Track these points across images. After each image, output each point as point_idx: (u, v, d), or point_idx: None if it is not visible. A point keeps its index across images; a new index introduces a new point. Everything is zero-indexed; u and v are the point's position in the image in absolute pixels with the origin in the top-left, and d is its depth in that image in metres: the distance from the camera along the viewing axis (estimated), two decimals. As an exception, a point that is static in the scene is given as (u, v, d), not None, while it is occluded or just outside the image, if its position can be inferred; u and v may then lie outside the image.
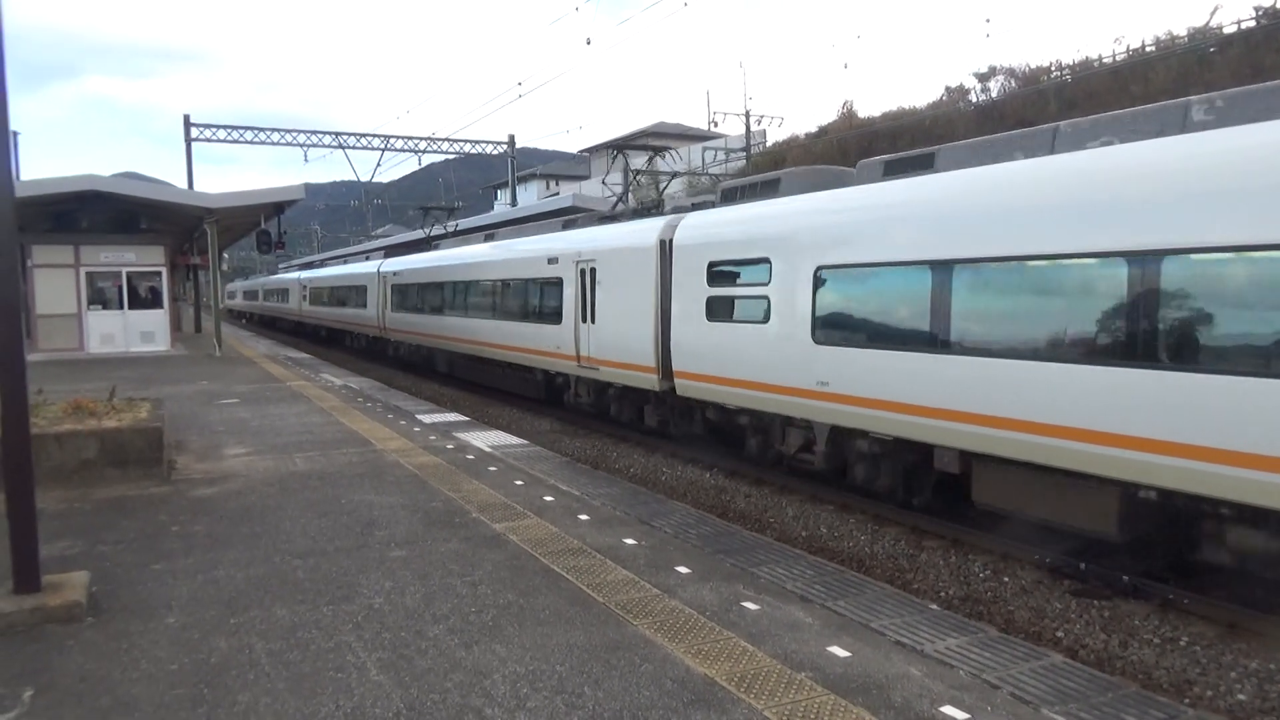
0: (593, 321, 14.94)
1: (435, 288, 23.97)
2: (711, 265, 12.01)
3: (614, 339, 14.41)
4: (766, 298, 10.88)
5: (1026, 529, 8.46)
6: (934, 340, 8.63)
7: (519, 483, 9.00)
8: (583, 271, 15.27)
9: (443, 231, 30.09)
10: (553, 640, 4.94)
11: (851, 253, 9.67)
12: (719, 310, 11.87)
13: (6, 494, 5.32)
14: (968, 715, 4.11)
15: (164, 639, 4.98)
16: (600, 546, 6.74)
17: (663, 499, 8.94)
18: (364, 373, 24.05)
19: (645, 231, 13.79)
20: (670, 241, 13.01)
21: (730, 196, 12.80)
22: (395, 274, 27.85)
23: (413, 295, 25.99)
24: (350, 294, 33.68)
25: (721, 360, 11.76)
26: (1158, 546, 7.59)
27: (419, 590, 5.76)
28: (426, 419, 13.53)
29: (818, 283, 10.12)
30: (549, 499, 8.30)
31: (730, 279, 11.77)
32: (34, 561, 5.38)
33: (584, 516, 7.67)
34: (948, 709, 4.16)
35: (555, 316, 16.34)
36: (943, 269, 8.53)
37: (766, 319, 10.91)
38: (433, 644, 4.90)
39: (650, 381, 13.45)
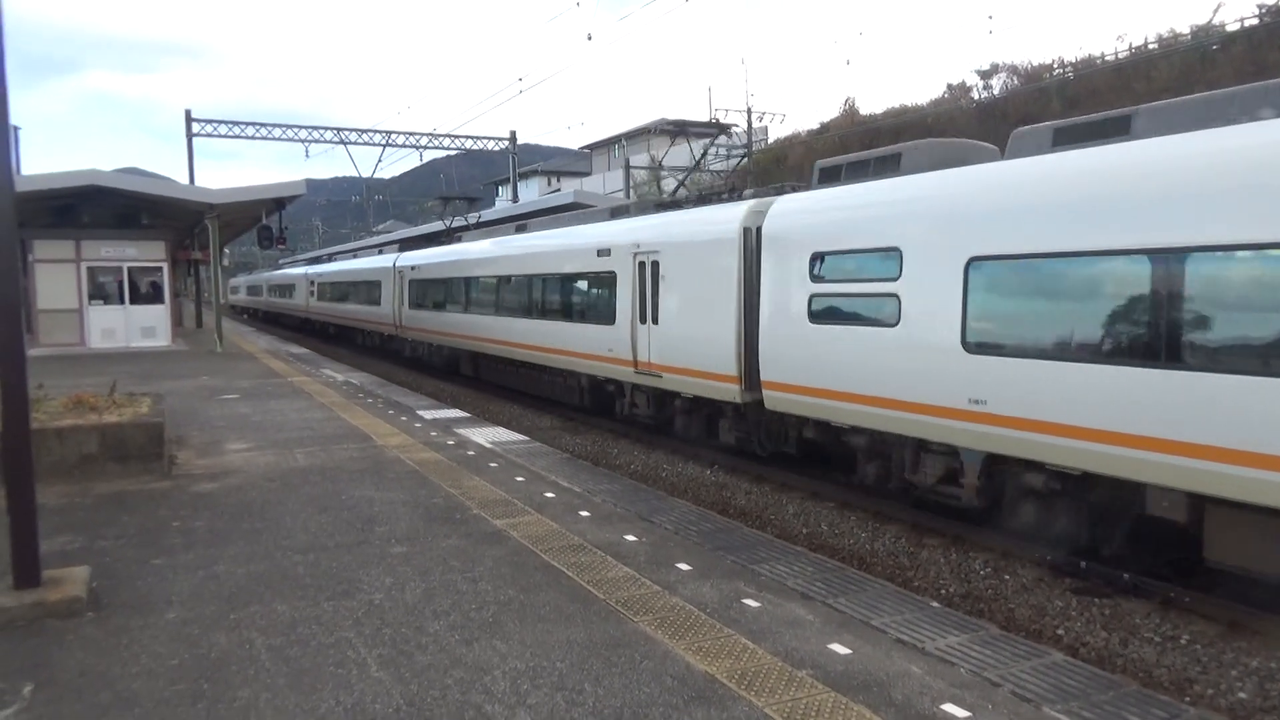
0: (655, 322, 13.22)
1: (460, 283, 22.14)
2: (816, 257, 10.18)
3: (683, 342, 12.62)
4: (895, 296, 9.08)
5: (1030, 530, 8.42)
6: (1160, 350, 6.79)
7: (520, 479, 8.99)
8: (642, 265, 13.54)
9: (464, 223, 28.07)
10: (553, 637, 4.94)
11: (1024, 240, 7.89)
12: (826, 310, 10.07)
13: (7, 489, 5.32)
14: (968, 713, 4.10)
15: (164, 634, 4.97)
16: (601, 543, 6.73)
17: (663, 495, 8.94)
18: (364, 368, 24.05)
19: (725, 219, 11.90)
20: (758, 230, 11.22)
21: (831, 176, 10.83)
22: (414, 268, 26.13)
23: (434, 291, 24.21)
24: (363, 290, 31.93)
25: (829, 370, 9.93)
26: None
27: (419, 586, 5.75)
28: (427, 415, 13.52)
29: (971, 278, 8.34)
30: (550, 495, 8.30)
31: (842, 273, 9.92)
32: (34, 556, 5.38)
33: (584, 513, 7.66)
34: (948, 707, 4.15)
35: (606, 316, 14.62)
36: (1173, 260, 6.71)
37: (896, 322, 9.08)
38: (433, 640, 4.89)
39: (729, 392, 11.69)
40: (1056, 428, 7.54)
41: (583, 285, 15.86)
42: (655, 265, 13.25)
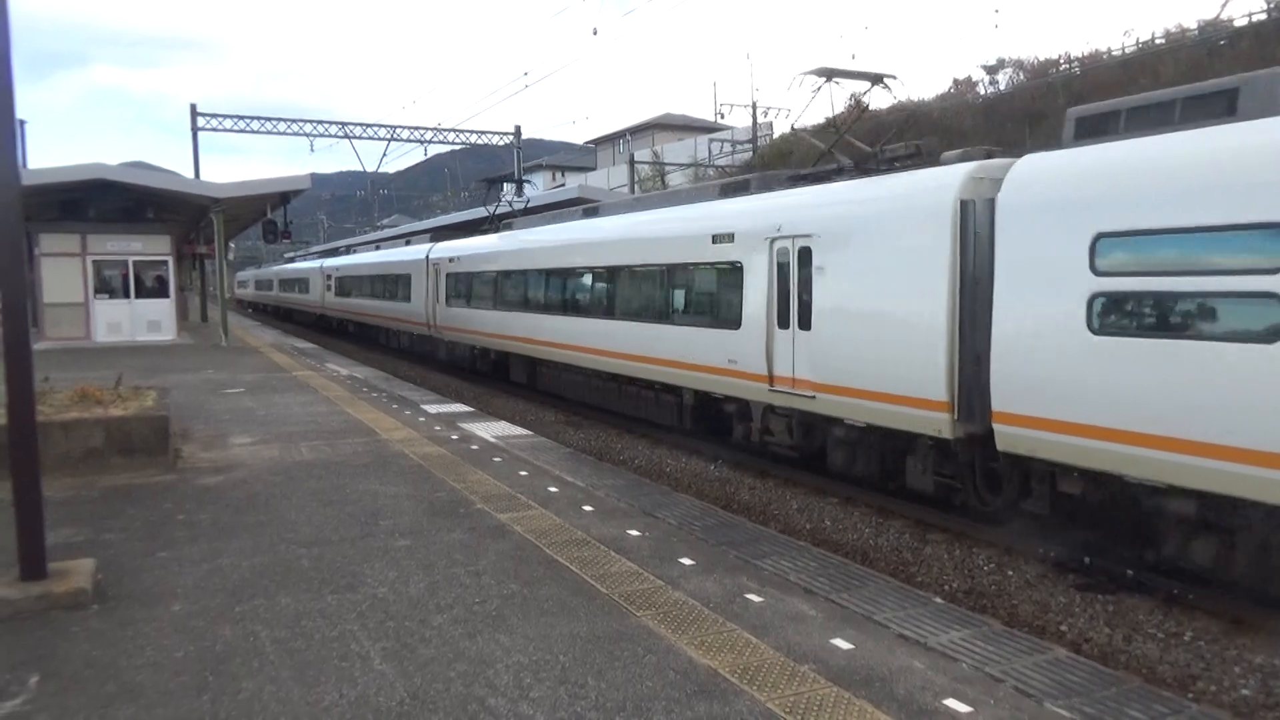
0: (805, 327, 10.45)
1: (512, 277, 19.07)
2: (1103, 239, 7.31)
3: (853, 353, 9.80)
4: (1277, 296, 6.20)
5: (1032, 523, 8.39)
6: None
7: (523, 473, 9.01)
8: (783, 253, 10.85)
9: (509, 209, 24.81)
10: (556, 631, 4.95)
11: None
12: (1127, 315, 7.22)
13: (13, 481, 5.34)
14: (970, 708, 4.11)
15: (169, 626, 5.00)
16: (604, 538, 6.75)
17: (667, 491, 8.95)
18: (369, 363, 24.09)
19: (927, 189, 9.04)
20: (988, 203, 8.38)
21: (1098, 128, 7.96)
22: (452, 260, 23.06)
23: (479, 286, 21.10)
24: (390, 284, 28.63)
25: (1136, 402, 7.01)
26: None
27: (423, 580, 5.77)
28: (431, 409, 13.54)
29: None
30: (553, 490, 8.31)
31: (1160, 262, 6.96)
32: (40, 549, 5.40)
33: (588, 508, 7.67)
34: (950, 702, 4.16)
35: (726, 318, 11.89)
36: None
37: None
38: (436, 633, 4.91)
39: (931, 423, 8.83)
40: None
41: (691, 279, 12.94)
42: (806, 253, 10.47)
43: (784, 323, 10.85)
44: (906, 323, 9.05)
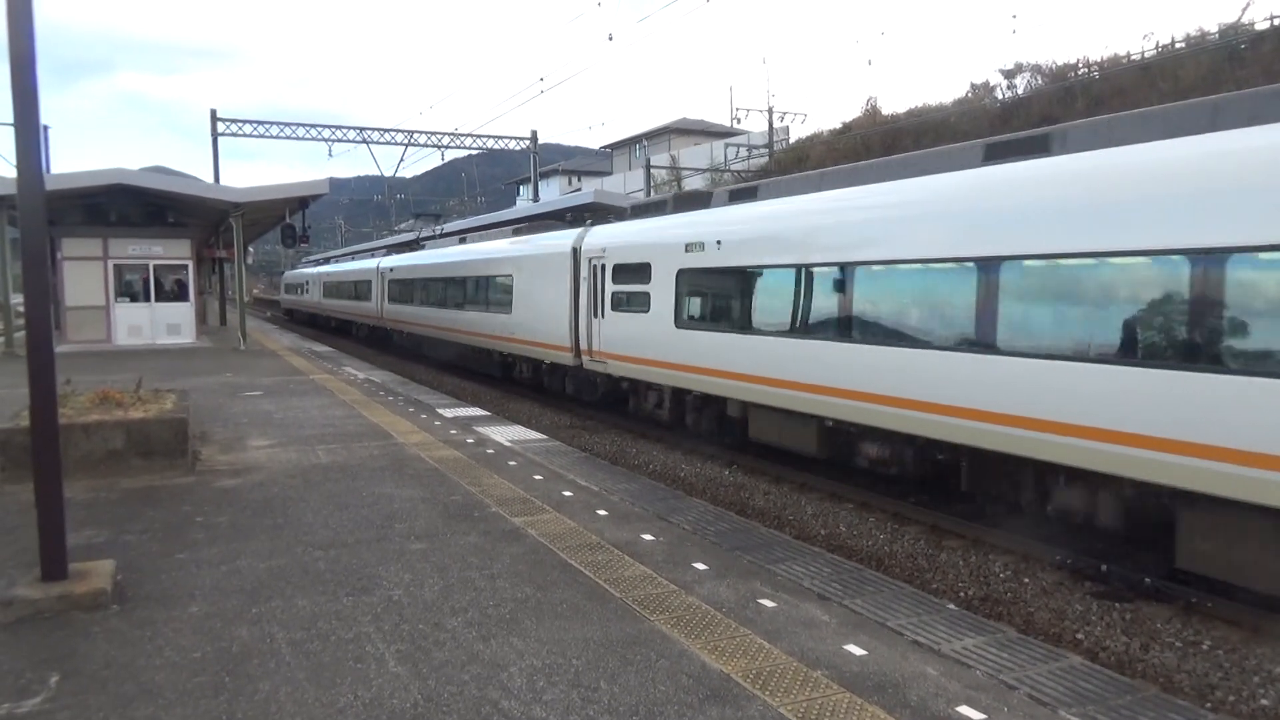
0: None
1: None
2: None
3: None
4: None
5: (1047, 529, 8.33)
6: None
7: (538, 477, 9.03)
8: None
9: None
10: (569, 634, 4.96)
11: None
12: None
13: (35, 482, 5.41)
14: (984, 715, 4.09)
15: (187, 627, 5.05)
16: (618, 542, 6.76)
17: (681, 495, 8.95)
18: (385, 367, 24.21)
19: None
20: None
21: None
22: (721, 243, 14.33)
23: (784, 293, 11.65)
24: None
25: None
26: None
27: (438, 583, 5.80)
28: (447, 413, 13.60)
29: None
30: (568, 494, 8.33)
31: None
32: (61, 549, 5.47)
33: (602, 512, 7.69)
34: (964, 709, 4.14)
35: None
36: None
37: None
38: (451, 636, 4.94)
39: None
40: None
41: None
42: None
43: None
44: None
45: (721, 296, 12.58)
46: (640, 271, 14.37)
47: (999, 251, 8.34)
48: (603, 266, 15.56)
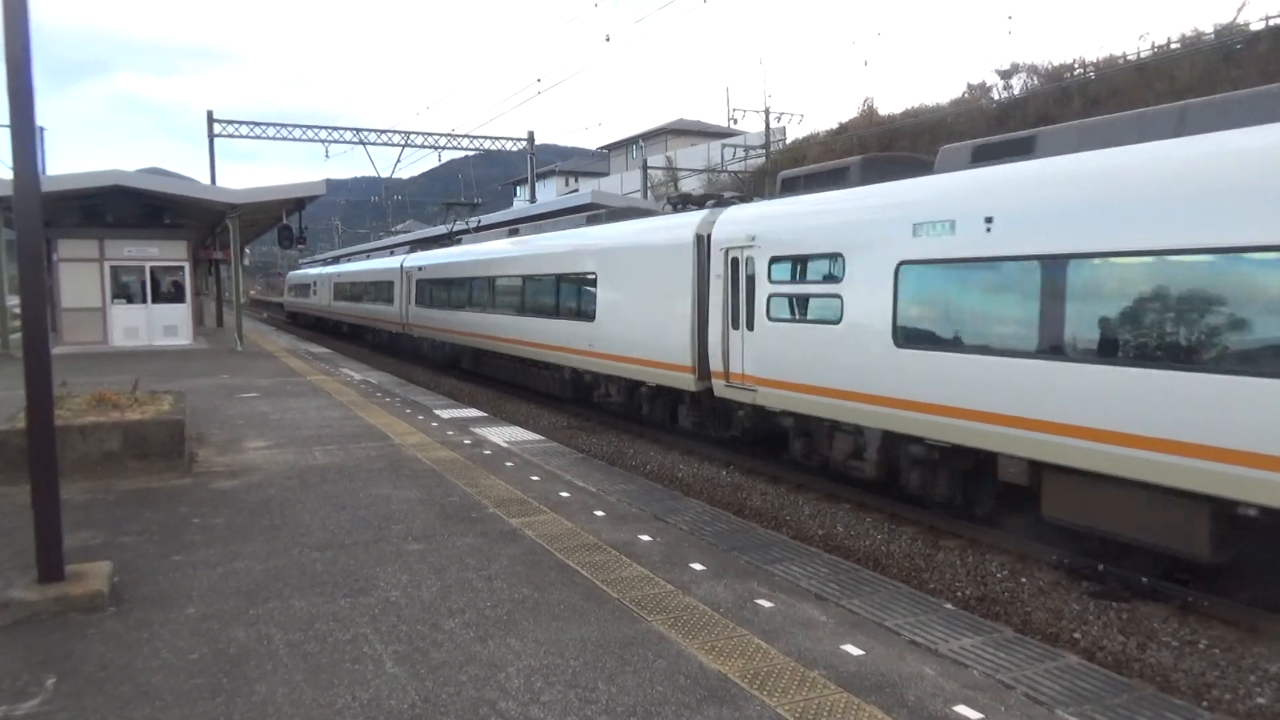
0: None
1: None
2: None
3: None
4: None
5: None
6: None
7: (535, 478, 9.03)
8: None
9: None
10: (567, 635, 4.97)
11: None
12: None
13: (32, 484, 5.40)
14: (981, 715, 4.10)
15: (184, 629, 5.04)
16: (615, 542, 6.76)
17: (678, 496, 8.95)
18: (383, 368, 24.19)
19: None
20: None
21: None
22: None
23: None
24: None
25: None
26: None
27: (435, 584, 5.80)
28: (444, 414, 13.60)
29: None
30: (565, 495, 8.33)
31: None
32: (58, 551, 5.46)
33: (599, 512, 7.69)
34: (961, 708, 4.15)
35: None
36: None
37: None
38: (448, 637, 4.94)
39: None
40: None
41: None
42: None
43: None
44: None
45: (996, 301, 8.51)
46: (822, 266, 10.51)
47: None
48: (749, 260, 11.64)
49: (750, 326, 11.65)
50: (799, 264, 10.98)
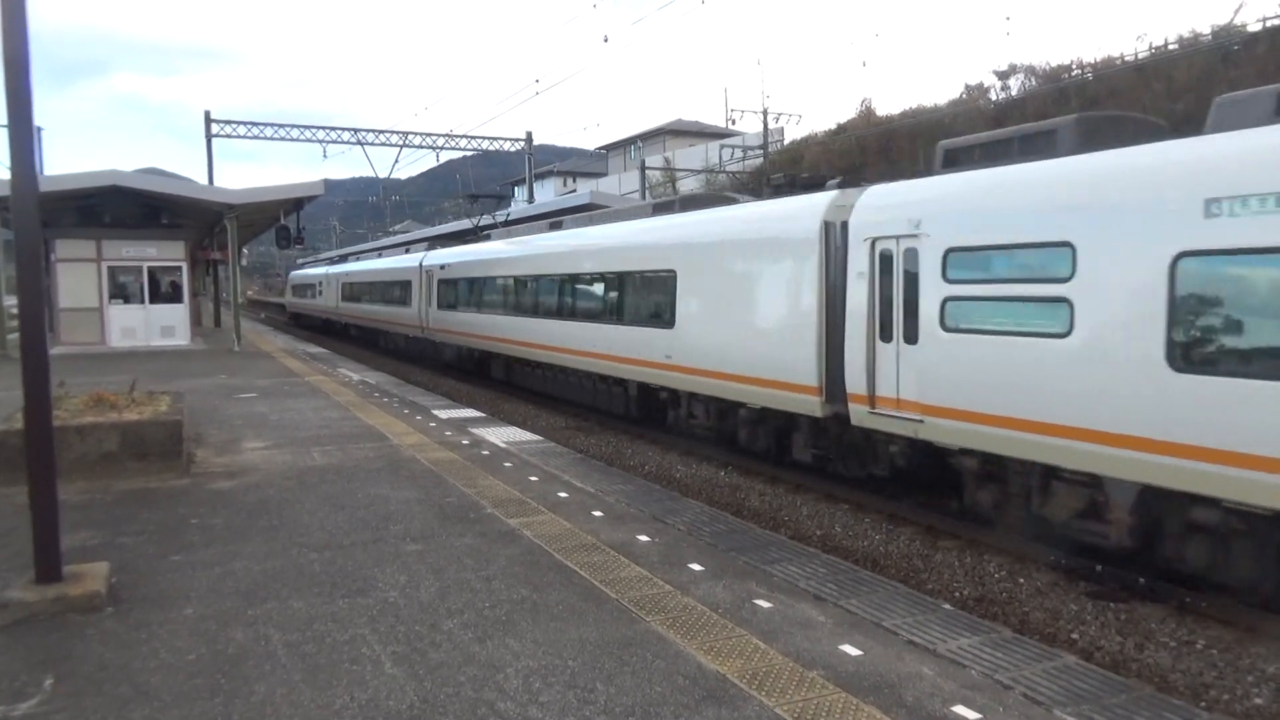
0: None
1: None
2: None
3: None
4: None
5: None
6: None
7: (534, 478, 9.03)
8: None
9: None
10: (566, 635, 4.97)
11: None
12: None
13: (29, 485, 5.39)
14: (979, 715, 4.10)
15: (182, 629, 5.04)
16: (614, 543, 6.76)
17: (676, 496, 8.95)
18: (381, 368, 24.18)
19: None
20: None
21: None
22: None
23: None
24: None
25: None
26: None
27: (433, 584, 5.80)
28: (442, 414, 13.60)
29: None
30: (563, 495, 8.33)
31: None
32: (56, 552, 5.46)
33: (598, 513, 7.69)
34: (959, 709, 4.15)
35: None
36: None
37: None
38: (447, 638, 4.94)
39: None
40: None
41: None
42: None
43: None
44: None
45: None
46: (1036, 260, 8.04)
47: None
48: (912, 253, 9.22)
49: (912, 339, 9.16)
50: (996, 258, 8.41)
